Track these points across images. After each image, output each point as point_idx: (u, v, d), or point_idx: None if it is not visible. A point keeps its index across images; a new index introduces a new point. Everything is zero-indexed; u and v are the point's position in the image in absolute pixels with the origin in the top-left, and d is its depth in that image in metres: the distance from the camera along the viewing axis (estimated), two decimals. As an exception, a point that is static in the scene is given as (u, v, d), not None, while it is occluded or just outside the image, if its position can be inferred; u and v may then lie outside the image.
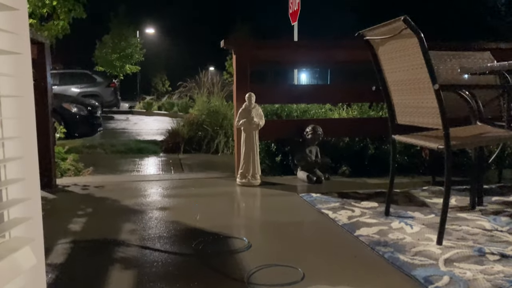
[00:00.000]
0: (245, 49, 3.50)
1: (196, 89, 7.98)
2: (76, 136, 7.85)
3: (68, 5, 8.78)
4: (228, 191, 3.13)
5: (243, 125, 3.26)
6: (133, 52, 27.68)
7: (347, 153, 3.84)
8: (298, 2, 8.42)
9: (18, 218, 1.08)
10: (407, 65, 2.00)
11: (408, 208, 2.53)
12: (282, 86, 5.75)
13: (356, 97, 4.13)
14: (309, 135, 3.48)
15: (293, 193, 3.03)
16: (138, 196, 2.93)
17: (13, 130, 1.08)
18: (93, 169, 4.28)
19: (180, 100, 14.99)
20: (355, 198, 2.79)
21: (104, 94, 16.63)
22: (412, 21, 1.83)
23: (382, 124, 2.96)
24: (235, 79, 3.52)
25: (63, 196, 2.97)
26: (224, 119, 6.45)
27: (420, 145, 2.15)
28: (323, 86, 6.64)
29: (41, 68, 2.98)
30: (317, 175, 3.38)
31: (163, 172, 4.82)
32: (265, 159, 3.86)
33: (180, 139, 6.48)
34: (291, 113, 4.24)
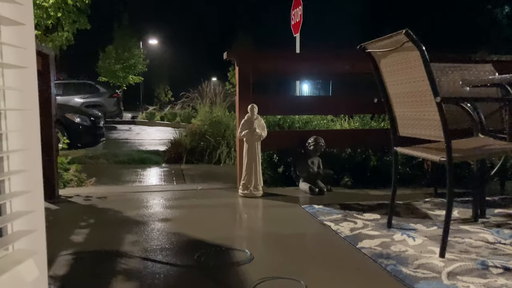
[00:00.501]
0: (248, 60, 3.52)
1: (199, 100, 8.00)
2: (79, 146, 7.86)
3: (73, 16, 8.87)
4: (230, 202, 3.13)
5: (246, 136, 3.27)
6: (136, 63, 27.84)
7: (349, 164, 3.84)
8: (300, 14, 8.48)
9: (22, 230, 1.09)
10: (409, 78, 2.01)
11: (410, 220, 2.52)
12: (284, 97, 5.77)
13: (358, 109, 4.14)
14: (311, 146, 3.49)
15: (295, 204, 3.03)
16: (140, 207, 2.93)
17: (18, 143, 1.09)
18: (96, 179, 4.29)
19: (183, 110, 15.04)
20: (357, 210, 2.78)
21: (107, 104, 16.69)
22: (414, 34, 1.84)
23: (384, 135, 2.97)
24: (237, 90, 3.54)
25: (66, 207, 2.98)
26: (226, 130, 6.46)
27: (422, 157, 2.15)
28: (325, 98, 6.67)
29: (45, 79, 3.00)
30: (319, 186, 3.38)
31: (165, 182, 4.82)
32: (267, 170, 3.86)
33: (183, 150, 6.49)
34: (293, 124, 4.25)
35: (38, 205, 1.13)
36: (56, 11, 8.50)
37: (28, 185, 1.11)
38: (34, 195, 1.11)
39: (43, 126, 2.20)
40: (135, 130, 14.63)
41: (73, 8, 8.72)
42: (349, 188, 3.63)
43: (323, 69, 3.96)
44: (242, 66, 3.49)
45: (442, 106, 1.82)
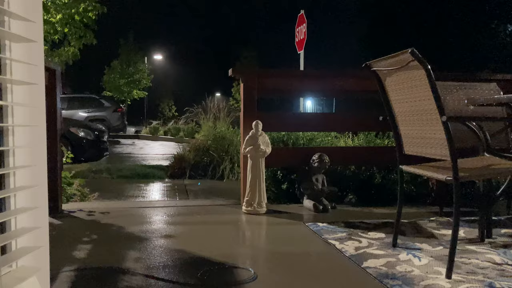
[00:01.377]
0: (252, 78, 3.55)
1: (203, 115, 8.03)
2: (82, 160, 7.88)
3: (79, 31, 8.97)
4: (233, 219, 3.11)
5: (250, 152, 3.26)
6: (141, 78, 28.08)
7: (353, 182, 3.82)
8: (304, 31, 8.56)
9: (27, 247, 1.08)
10: (415, 96, 2.01)
11: (416, 240, 2.49)
12: (289, 114, 5.77)
13: (362, 127, 4.14)
14: (316, 163, 3.48)
15: (299, 222, 3.01)
16: (143, 223, 2.92)
17: (25, 159, 1.09)
18: (99, 194, 4.28)
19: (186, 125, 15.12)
20: (362, 228, 2.76)
21: (111, 119, 16.78)
22: (419, 53, 1.85)
23: (389, 153, 2.96)
24: (242, 106, 3.55)
25: (69, 222, 2.97)
26: (230, 145, 6.46)
27: (428, 176, 2.14)
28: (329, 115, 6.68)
29: (51, 94, 3.02)
30: (324, 204, 3.36)
31: (168, 198, 4.81)
32: (271, 187, 3.84)
33: (186, 165, 6.49)
34: (297, 140, 4.25)
35: (43, 221, 1.13)
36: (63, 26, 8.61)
37: (34, 201, 1.10)
38: (39, 211, 1.11)
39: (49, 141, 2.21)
40: (139, 145, 14.67)
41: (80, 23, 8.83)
42: (354, 206, 3.61)
43: (327, 87, 3.97)
44: (247, 83, 3.51)
45: (448, 125, 1.82)
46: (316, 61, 24.76)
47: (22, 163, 1.08)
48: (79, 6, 8.52)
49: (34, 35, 1.05)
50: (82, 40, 9.13)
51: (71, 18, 8.63)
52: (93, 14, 8.86)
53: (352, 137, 4.87)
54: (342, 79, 3.84)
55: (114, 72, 27.71)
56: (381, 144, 4.41)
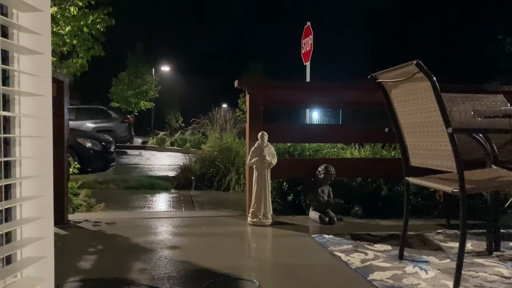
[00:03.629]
0: (258, 89, 3.56)
1: (209, 126, 8.05)
2: (89, 171, 7.92)
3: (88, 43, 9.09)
4: (238, 231, 3.10)
5: (256, 163, 3.27)
6: (148, 89, 28.28)
7: (360, 194, 3.81)
8: (310, 43, 8.60)
9: (31, 257, 1.09)
10: (420, 108, 2.01)
11: (422, 252, 2.47)
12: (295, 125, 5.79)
13: (369, 138, 4.13)
14: (322, 175, 3.47)
15: (305, 234, 2.99)
16: (148, 234, 2.92)
17: (32, 169, 1.10)
18: (105, 205, 4.29)
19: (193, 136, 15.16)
20: (368, 241, 2.74)
21: (118, 130, 16.87)
22: (424, 65, 1.85)
23: (395, 164, 2.95)
24: (248, 118, 3.56)
25: (75, 232, 2.97)
26: (236, 156, 6.46)
27: (435, 188, 2.13)
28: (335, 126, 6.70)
29: (59, 105, 3.05)
30: (330, 215, 3.34)
31: (174, 209, 4.81)
32: (277, 198, 3.83)
33: (192, 176, 6.49)
34: (303, 152, 4.25)
35: (48, 231, 1.13)
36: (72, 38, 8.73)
37: (39, 212, 1.11)
38: (44, 222, 1.12)
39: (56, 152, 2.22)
40: (145, 155, 14.72)
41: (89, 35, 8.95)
42: (360, 218, 3.59)
43: (333, 98, 3.97)
44: (253, 95, 3.53)
45: (454, 136, 1.82)
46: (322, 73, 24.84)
47: (29, 173, 1.09)
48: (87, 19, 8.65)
49: (42, 48, 1.06)
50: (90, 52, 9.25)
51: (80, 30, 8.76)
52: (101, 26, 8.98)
53: (358, 149, 4.85)
54: (348, 91, 3.85)
55: (122, 84, 27.94)
56: (387, 155, 4.40)
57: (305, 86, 4.54)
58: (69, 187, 3.65)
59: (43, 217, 1.11)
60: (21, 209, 1.09)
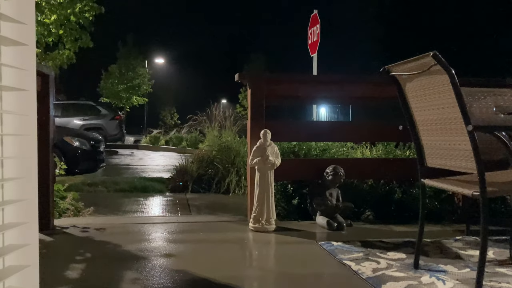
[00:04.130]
0: (261, 83, 3.56)
1: (207, 123, 8.06)
2: (77, 172, 7.93)
3: (75, 33, 9.09)
4: (239, 237, 3.10)
5: (258, 164, 3.27)
6: (141, 83, 28.29)
7: (371, 197, 3.80)
8: (317, 32, 8.59)
9: (14, 266, 1.09)
10: (437, 104, 2.01)
11: (439, 261, 2.47)
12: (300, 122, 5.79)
13: (381, 136, 4.12)
14: (330, 176, 3.47)
15: (312, 240, 3.00)
16: (141, 241, 2.92)
17: (14, 170, 1.10)
18: (94, 209, 4.30)
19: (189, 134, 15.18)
20: (381, 248, 2.74)
21: (109, 127, 16.89)
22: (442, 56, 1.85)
23: (410, 165, 2.95)
24: (249, 114, 3.56)
25: (61, 239, 2.98)
26: (236, 156, 6.47)
27: (453, 191, 2.12)
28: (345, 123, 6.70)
29: (44, 101, 3.06)
30: (338, 221, 3.34)
31: (169, 213, 4.82)
32: (281, 202, 3.84)
33: (188, 177, 6.50)
34: (309, 151, 4.24)
35: (33, 238, 1.14)
36: (58, 28, 8.75)
37: (23, 216, 1.11)
38: (29, 227, 1.12)
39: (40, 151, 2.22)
40: (138, 155, 14.74)
41: (76, 25, 8.95)
42: (371, 223, 3.59)
43: (343, 93, 3.97)
44: (254, 90, 3.53)
45: (475, 135, 1.81)
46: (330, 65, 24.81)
47: (11, 175, 1.10)
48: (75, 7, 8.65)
49: (26, 38, 1.07)
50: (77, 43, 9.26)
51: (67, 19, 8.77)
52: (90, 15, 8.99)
53: (370, 148, 4.85)
54: (358, 85, 3.85)
55: (112, 77, 27.97)
56: (401, 155, 4.39)
57: (311, 80, 4.54)
58: (55, 189, 3.66)
59: (26, 223, 1.11)
60: (3, 213, 1.10)
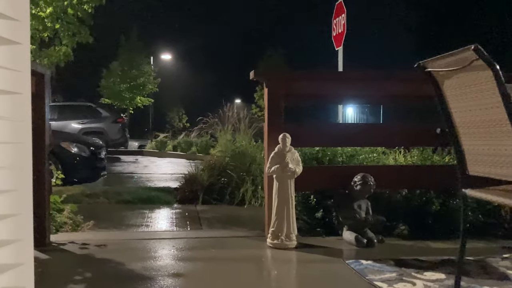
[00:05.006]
0: (279, 81, 3.57)
1: (219, 126, 8.08)
2: (75, 181, 8.02)
3: (73, 28, 9.18)
4: (256, 255, 3.10)
5: (276, 172, 3.27)
6: (145, 82, 28.50)
7: (405, 209, 3.77)
8: (343, 23, 8.57)
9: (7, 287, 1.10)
10: (480, 103, 1.98)
11: (484, 282, 2.44)
12: (324, 125, 5.77)
13: (416, 140, 4.09)
14: (358, 186, 3.45)
15: (338, 259, 2.99)
16: (146, 259, 2.94)
17: (7, 182, 1.12)
18: (94, 223, 4.34)
19: (200, 138, 15.25)
20: (417, 267, 2.72)
21: (110, 131, 17.07)
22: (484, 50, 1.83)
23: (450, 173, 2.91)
24: (266, 116, 3.57)
25: (58, 256, 3.02)
26: (252, 163, 6.47)
27: (499, 203, 2.10)
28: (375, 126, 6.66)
29: (39, 103, 3.10)
30: (368, 236, 3.32)
31: (177, 228, 4.84)
32: (303, 215, 3.83)
33: (199, 187, 6.52)
34: (335, 158, 4.23)
35: (27, 256, 1.15)
36: (54, 21, 8.85)
37: (16, 233, 1.13)
38: (22, 245, 1.13)
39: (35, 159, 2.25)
40: (143, 162, 14.86)
41: (74, 18, 9.04)
42: (406, 239, 3.56)
43: (372, 91, 3.95)
44: (272, 89, 3.53)
45: (524, 139, 1.79)
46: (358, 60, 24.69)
47: (2, 187, 1.11)
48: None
49: (19, 36, 1.08)
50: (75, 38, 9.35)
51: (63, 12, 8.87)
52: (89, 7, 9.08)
53: (404, 153, 4.81)
54: (390, 82, 3.82)
55: (114, 76, 28.24)
56: (439, 162, 4.35)
57: (336, 76, 4.53)
58: (51, 201, 3.71)
59: (20, 239, 1.13)
60: (-5, 229, 1.11)
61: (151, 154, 18.01)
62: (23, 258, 1.13)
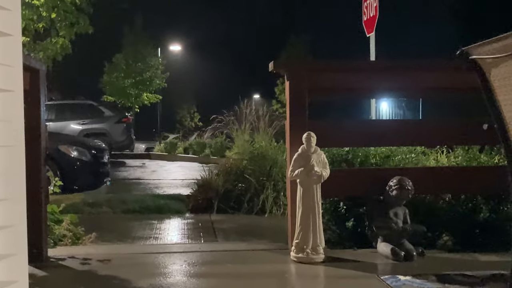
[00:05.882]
0: (303, 72, 3.56)
1: (236, 125, 8.09)
2: (75, 189, 8.09)
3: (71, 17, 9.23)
4: (278, 271, 3.10)
5: (300, 176, 3.26)
6: (152, 77, 28.57)
7: (449, 217, 3.74)
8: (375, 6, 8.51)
9: (-1, 309, 1.12)
10: (533, 95, 1.96)
11: (542, 301, 2.40)
12: (354, 122, 5.74)
13: (461, 138, 4.04)
14: (394, 191, 3.43)
15: (372, 274, 2.98)
16: (155, 275, 2.96)
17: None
18: (97, 235, 4.37)
19: (214, 139, 15.30)
20: (463, 284, 2.71)
21: (114, 133, 17.18)
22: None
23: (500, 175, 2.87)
24: (288, 113, 3.56)
25: (56, 273, 3.05)
26: (273, 167, 6.47)
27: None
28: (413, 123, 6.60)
29: (34, 102, 3.13)
30: (406, 248, 3.30)
31: (190, 240, 4.86)
32: (331, 225, 3.81)
33: (213, 194, 6.53)
34: (367, 159, 4.21)
35: (21, 273, 1.16)
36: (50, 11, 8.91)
37: (9, 247, 1.14)
38: (16, 260, 1.14)
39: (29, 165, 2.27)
40: (151, 167, 14.95)
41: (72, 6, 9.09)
42: (450, 251, 3.54)
43: (410, 83, 3.92)
44: (294, 81, 3.53)
45: None
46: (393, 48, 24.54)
47: (-6, 195, 1.12)
48: (70, -17, 8.82)
49: (9, 27, 1.09)
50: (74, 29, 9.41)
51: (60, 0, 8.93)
52: (88, -7, 9.12)
53: (446, 153, 4.77)
54: (431, 72, 3.79)
55: (117, 70, 28.40)
56: (487, 162, 4.30)
57: (368, 67, 4.50)
58: (49, 212, 3.75)
59: (13, 254, 1.14)
60: (-15, 243, 1.12)
61: (160, 157, 18.12)
62: (16, 275, 1.14)
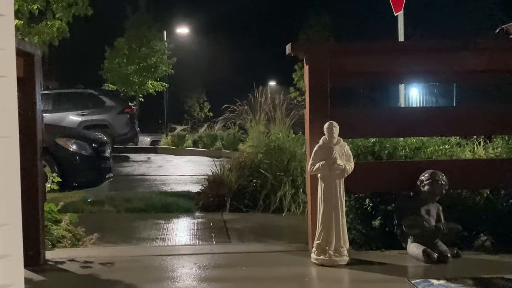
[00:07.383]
0: (323, 56, 3.54)
1: (249, 115, 8.08)
2: (75, 186, 8.14)
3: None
4: (298, 274, 3.10)
5: (321, 170, 3.25)
6: (158, 62, 28.59)
7: (487, 215, 3.72)
8: (403, -19, 8.44)
9: (-7, 314, 1.12)
10: None
11: None
12: (381, 110, 5.72)
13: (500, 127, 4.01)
14: (426, 186, 3.41)
15: (402, 278, 2.97)
16: (162, 279, 2.97)
17: (-10, 185, 1.14)
18: (99, 236, 4.40)
19: (226, 131, 15.31)
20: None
21: (116, 124, 17.23)
22: None
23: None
24: (308, 101, 3.55)
25: (55, 277, 3.07)
26: (291, 160, 6.46)
27: None
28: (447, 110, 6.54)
29: (28, 90, 3.14)
30: (440, 249, 3.29)
31: (200, 241, 4.87)
32: (356, 224, 3.81)
33: (226, 191, 6.55)
34: (395, 151, 4.18)
35: (17, 276, 1.17)
36: (45, -9, 8.94)
37: (3, 247, 1.15)
38: (10, 262, 1.15)
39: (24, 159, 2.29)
40: (157, 162, 15.00)
41: (70, -15, 9.11)
42: (488, 252, 3.52)
43: (443, 66, 3.89)
44: (314, 66, 3.51)
45: None
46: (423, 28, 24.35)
47: (-14, 191, 1.13)
48: (67, -41, 8.82)
49: (1, 7, 1.10)
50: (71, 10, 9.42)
51: (56, -22, 8.94)
52: (87, -30, 9.12)
53: (484, 144, 4.73)
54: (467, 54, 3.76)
55: (119, 56, 28.47)
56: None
57: (396, 48, 4.46)
58: (46, 210, 3.77)
59: (7, 255, 1.14)
60: (-23, 243, 1.13)
61: (167, 151, 18.17)
62: (11, 279, 1.15)
